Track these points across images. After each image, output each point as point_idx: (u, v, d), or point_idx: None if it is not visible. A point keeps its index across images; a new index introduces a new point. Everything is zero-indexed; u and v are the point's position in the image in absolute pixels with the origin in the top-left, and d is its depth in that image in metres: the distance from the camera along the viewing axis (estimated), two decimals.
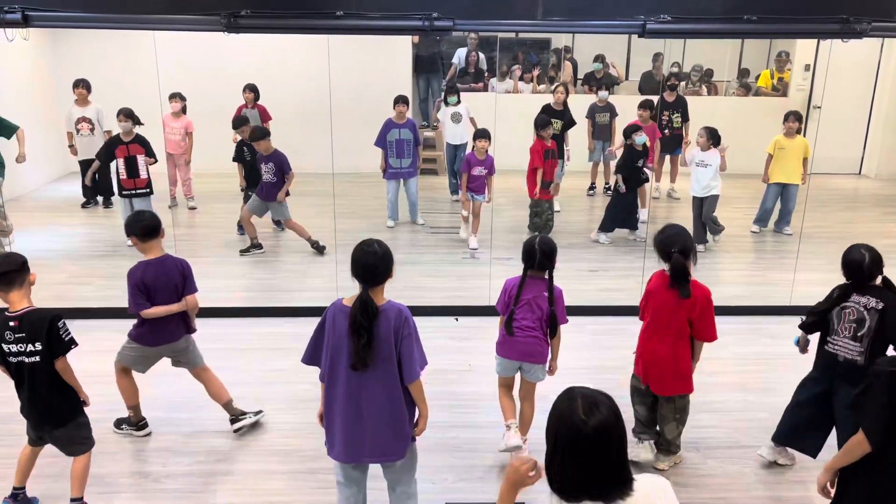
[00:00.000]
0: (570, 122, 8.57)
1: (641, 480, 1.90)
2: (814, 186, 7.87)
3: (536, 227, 7.70)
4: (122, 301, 5.97)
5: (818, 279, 4.02)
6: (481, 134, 7.40)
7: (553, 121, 8.01)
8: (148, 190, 7.24)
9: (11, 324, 3.37)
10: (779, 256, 7.51)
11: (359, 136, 8.22)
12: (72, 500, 3.63)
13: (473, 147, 7.50)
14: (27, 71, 9.46)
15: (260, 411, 4.44)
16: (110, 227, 8.06)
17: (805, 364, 3.94)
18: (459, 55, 11.24)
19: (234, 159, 7.84)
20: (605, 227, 7.82)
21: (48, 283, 6.22)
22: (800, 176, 7.84)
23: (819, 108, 10.19)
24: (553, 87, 8.81)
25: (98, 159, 7.41)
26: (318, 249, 7.14)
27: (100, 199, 8.91)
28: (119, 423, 4.37)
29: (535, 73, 11.25)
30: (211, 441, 4.27)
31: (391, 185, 8.19)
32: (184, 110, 8.51)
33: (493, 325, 5.72)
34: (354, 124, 8.09)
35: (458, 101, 8.81)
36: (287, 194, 7.23)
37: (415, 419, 3.24)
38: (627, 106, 9.07)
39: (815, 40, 10.16)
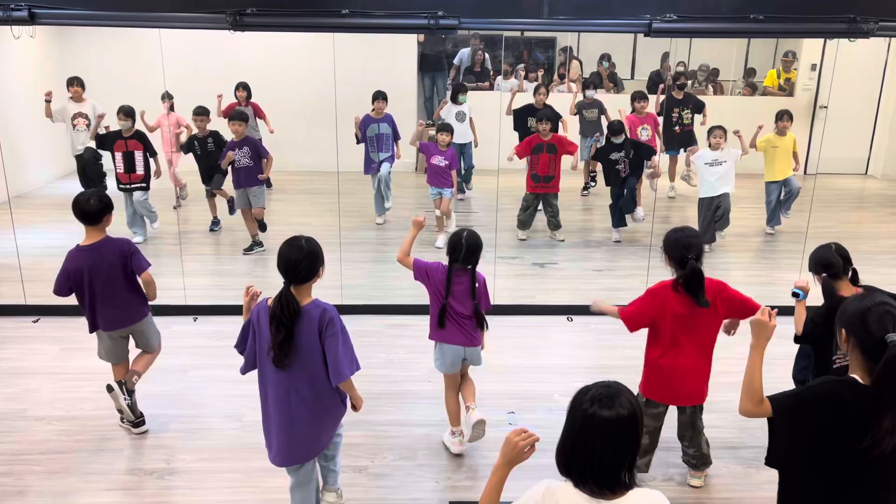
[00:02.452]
0: (555, 118, 8.60)
1: (637, 493, 1.92)
2: (820, 186, 7.87)
3: (520, 222, 7.72)
4: None
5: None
6: (444, 127, 7.49)
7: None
8: (145, 185, 7.31)
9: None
10: (784, 256, 7.48)
11: None
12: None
13: (435, 138, 7.52)
14: (33, 68, 9.48)
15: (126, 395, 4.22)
16: (115, 224, 8.05)
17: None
18: (461, 55, 11.23)
19: (185, 151, 7.85)
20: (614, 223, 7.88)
21: (53, 280, 6.23)
22: (792, 168, 7.94)
23: (825, 108, 10.15)
24: (535, 88, 8.84)
25: (95, 142, 7.56)
26: (250, 249, 7.28)
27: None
28: (111, 387, 4.17)
29: (541, 72, 11.23)
30: (214, 438, 4.27)
31: (375, 181, 8.22)
32: (171, 108, 8.53)
33: (497, 324, 5.73)
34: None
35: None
36: (269, 184, 7.23)
37: (345, 407, 3.29)
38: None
39: (822, 40, 10.13)
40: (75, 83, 8.41)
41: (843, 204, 9.53)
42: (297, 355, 3.00)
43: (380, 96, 8.14)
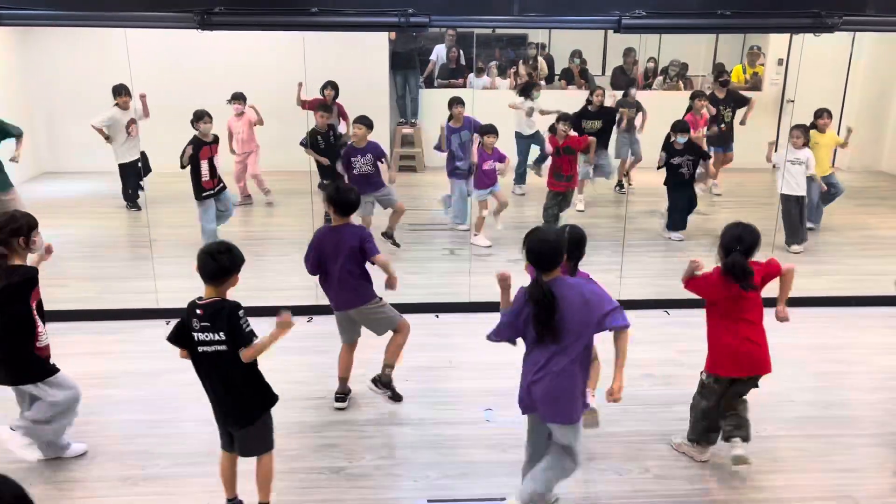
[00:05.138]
0: (610, 122, 8.75)
1: None
2: None
3: (546, 219, 7.82)
4: (99, 303, 5.93)
5: (800, 271, 4.04)
6: (489, 129, 7.43)
7: (592, 121, 8.46)
8: (223, 184, 7.18)
9: (198, 312, 3.32)
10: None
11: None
12: None
13: (481, 143, 7.49)
14: None
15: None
16: (100, 229, 7.95)
17: (786, 354, 3.97)
18: (438, 51, 11.22)
19: (307, 147, 7.68)
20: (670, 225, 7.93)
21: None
22: (828, 168, 8.06)
23: (792, 101, 10.29)
24: (591, 91, 8.82)
25: (184, 163, 6.92)
26: (395, 244, 7.25)
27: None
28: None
29: (513, 70, 11.25)
30: (189, 443, 4.22)
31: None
32: (243, 109, 8.42)
33: (474, 321, 5.72)
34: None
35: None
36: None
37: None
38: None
39: (788, 34, 10.27)
40: (123, 92, 8.03)
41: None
42: (566, 330, 3.30)
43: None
